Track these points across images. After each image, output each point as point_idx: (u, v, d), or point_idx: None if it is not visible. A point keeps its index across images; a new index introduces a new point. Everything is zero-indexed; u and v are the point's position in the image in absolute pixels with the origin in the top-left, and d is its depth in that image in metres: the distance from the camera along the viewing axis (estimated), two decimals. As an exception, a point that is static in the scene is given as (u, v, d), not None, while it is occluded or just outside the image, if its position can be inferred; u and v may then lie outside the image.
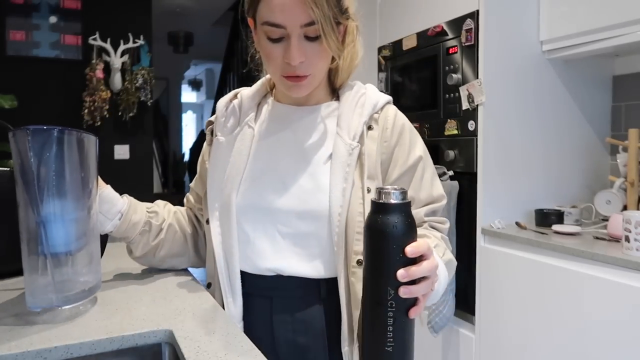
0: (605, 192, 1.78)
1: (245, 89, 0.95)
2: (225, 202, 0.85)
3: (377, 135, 0.86)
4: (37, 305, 0.71)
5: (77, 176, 0.72)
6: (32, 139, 0.67)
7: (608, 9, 1.64)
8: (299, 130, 0.88)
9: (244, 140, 0.89)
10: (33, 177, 0.67)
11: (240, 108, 0.91)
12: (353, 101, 0.88)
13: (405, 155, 0.87)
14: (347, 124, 0.85)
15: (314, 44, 0.76)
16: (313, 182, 0.83)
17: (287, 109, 0.91)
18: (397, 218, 0.59)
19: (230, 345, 0.65)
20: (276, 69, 0.80)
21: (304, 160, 0.85)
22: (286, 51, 0.76)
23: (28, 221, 0.69)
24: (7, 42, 3.07)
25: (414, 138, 0.89)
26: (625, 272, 1.34)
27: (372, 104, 0.87)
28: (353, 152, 0.83)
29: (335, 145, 0.84)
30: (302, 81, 0.79)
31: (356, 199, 0.81)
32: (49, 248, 0.69)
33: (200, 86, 8.50)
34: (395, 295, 0.58)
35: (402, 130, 0.88)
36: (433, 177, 0.89)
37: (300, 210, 0.82)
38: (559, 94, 1.95)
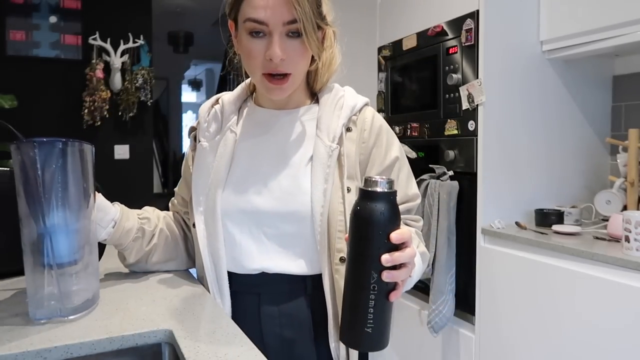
0: (605, 192, 1.78)
1: (226, 94, 0.97)
2: (210, 206, 0.87)
3: (356, 137, 0.89)
4: (42, 317, 0.71)
5: (79, 186, 0.73)
6: (39, 151, 0.67)
7: (608, 9, 1.64)
8: (280, 133, 0.90)
9: (226, 144, 0.90)
10: (39, 190, 0.68)
11: (222, 113, 0.93)
12: (332, 104, 0.91)
13: (383, 156, 0.90)
14: (327, 126, 0.88)
15: (295, 42, 0.79)
16: (295, 184, 0.86)
17: (268, 112, 0.93)
18: (384, 206, 0.61)
19: (230, 345, 0.65)
20: (257, 67, 0.81)
21: (285, 163, 0.88)
22: (268, 48, 0.78)
23: (31, 233, 0.69)
24: (7, 42, 3.07)
25: (390, 139, 0.92)
26: (625, 272, 1.34)
27: (350, 107, 0.90)
28: (333, 154, 0.86)
29: (316, 147, 0.87)
30: (284, 83, 0.81)
31: (337, 199, 0.84)
32: (55, 259, 0.70)
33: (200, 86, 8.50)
34: (378, 279, 0.62)
35: (379, 131, 0.91)
36: (408, 177, 0.93)
37: (283, 212, 0.85)
38: (559, 94, 1.95)
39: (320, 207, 0.83)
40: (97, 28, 3.25)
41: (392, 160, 0.91)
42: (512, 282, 1.69)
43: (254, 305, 0.88)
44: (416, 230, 0.91)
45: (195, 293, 0.88)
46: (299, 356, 0.87)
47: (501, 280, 1.73)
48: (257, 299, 0.88)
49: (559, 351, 1.53)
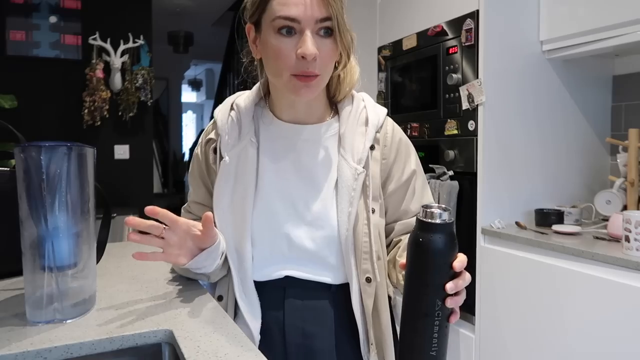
0: (605, 192, 1.78)
1: (239, 99, 0.93)
2: (238, 226, 0.85)
3: (379, 155, 0.88)
4: (40, 320, 0.71)
5: (81, 189, 0.73)
6: (44, 155, 0.67)
7: (608, 9, 1.64)
8: (303, 152, 0.87)
9: (247, 156, 0.86)
10: (42, 193, 0.68)
11: (239, 120, 0.89)
12: (354, 119, 0.88)
13: (401, 171, 0.90)
14: (351, 146, 0.86)
15: (326, 41, 0.76)
16: (324, 209, 0.85)
17: (289, 127, 0.88)
18: (445, 237, 0.63)
19: (230, 345, 0.65)
20: (286, 67, 0.77)
21: (312, 185, 0.86)
22: (299, 46, 0.74)
23: (32, 235, 0.69)
24: (7, 42, 3.07)
25: (408, 152, 0.92)
26: (625, 272, 1.34)
27: (375, 124, 0.88)
28: (359, 178, 0.84)
29: (340, 168, 0.85)
30: (312, 81, 0.78)
31: (361, 221, 0.84)
32: (56, 262, 0.70)
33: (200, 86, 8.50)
34: (442, 305, 0.64)
35: (398, 146, 0.91)
36: (423, 187, 0.93)
37: (312, 236, 0.85)
38: (559, 94, 1.95)
39: (345, 231, 0.83)
40: (97, 28, 3.25)
41: (409, 174, 0.91)
42: (512, 282, 1.69)
43: (279, 297, 0.88)
44: None
45: (195, 293, 0.88)
46: (319, 352, 0.86)
47: (501, 280, 1.73)
48: (282, 292, 0.88)
49: (559, 351, 1.53)
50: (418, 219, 0.65)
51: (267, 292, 0.88)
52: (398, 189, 0.90)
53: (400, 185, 0.90)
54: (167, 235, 0.76)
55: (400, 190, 0.90)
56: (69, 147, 0.70)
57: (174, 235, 0.76)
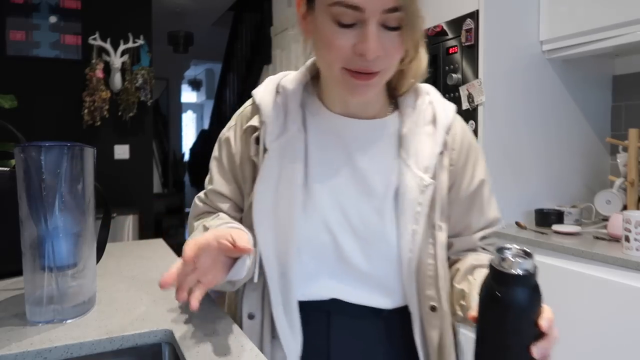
0: (605, 192, 1.78)
1: (285, 80, 0.78)
2: (282, 232, 0.72)
3: (447, 161, 0.75)
4: (40, 320, 0.71)
5: (81, 189, 0.73)
6: (44, 155, 0.67)
7: (608, 9, 1.64)
8: (356, 151, 0.74)
9: (294, 150, 0.73)
10: (42, 193, 0.68)
11: (285, 106, 0.75)
12: (419, 116, 0.75)
13: (469, 181, 0.77)
14: (415, 150, 0.73)
15: (391, 35, 0.63)
16: (380, 221, 0.73)
17: (340, 120, 0.74)
18: (528, 291, 0.52)
19: (230, 346, 0.65)
20: (337, 61, 0.64)
21: (367, 193, 0.73)
22: (360, 41, 0.62)
23: (32, 236, 0.70)
24: (7, 42, 3.07)
25: (477, 158, 0.79)
26: (625, 272, 1.34)
27: (444, 124, 0.75)
28: (426, 190, 0.72)
29: (402, 175, 0.73)
30: (371, 79, 0.65)
31: (426, 240, 0.72)
32: (56, 262, 0.70)
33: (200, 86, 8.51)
34: None
35: (468, 151, 0.78)
36: (489, 199, 0.80)
37: (367, 253, 0.73)
38: (559, 94, 1.95)
39: (409, 252, 0.71)
40: (97, 28, 3.25)
41: (477, 184, 0.77)
42: (512, 282, 1.69)
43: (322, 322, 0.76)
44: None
45: (195, 293, 0.88)
46: None
47: (501, 280, 1.73)
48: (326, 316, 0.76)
49: (559, 351, 1.52)
50: (493, 267, 0.53)
51: (307, 316, 0.75)
52: (462, 201, 0.77)
53: (465, 197, 0.77)
54: (199, 265, 0.62)
55: (465, 202, 0.77)
56: (69, 147, 0.70)
57: (207, 258, 0.63)
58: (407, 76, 0.73)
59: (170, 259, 1.16)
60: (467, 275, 0.74)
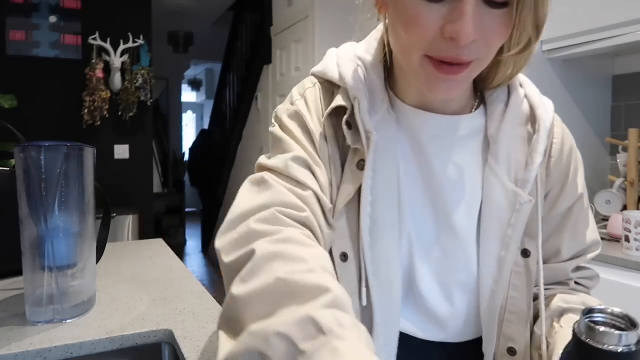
0: (605, 192, 1.78)
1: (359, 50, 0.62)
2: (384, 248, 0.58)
3: (544, 172, 0.61)
4: (40, 320, 0.71)
5: (81, 189, 0.73)
6: (44, 155, 0.67)
7: (608, 9, 1.64)
8: (433, 153, 0.59)
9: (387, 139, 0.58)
10: (42, 193, 0.68)
11: (369, 82, 0.59)
12: (512, 115, 0.60)
13: (566, 196, 0.63)
14: (508, 156, 0.58)
15: (495, 14, 0.47)
16: (459, 243, 0.60)
17: (414, 115, 0.59)
18: None
19: (230, 345, 0.65)
20: (420, 46, 0.48)
21: (443, 206, 0.60)
22: (451, 20, 0.46)
23: (32, 236, 0.70)
24: (7, 42, 3.07)
25: (578, 167, 0.64)
26: (625, 272, 1.34)
27: (547, 129, 0.59)
28: (522, 209, 0.57)
29: (489, 186, 0.58)
30: (460, 73, 0.49)
31: (514, 269, 0.59)
32: (56, 262, 0.70)
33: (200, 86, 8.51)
34: None
35: (568, 159, 0.63)
36: (587, 218, 0.66)
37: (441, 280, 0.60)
38: (559, 94, 1.95)
39: (492, 281, 0.59)
40: (97, 28, 3.25)
41: (575, 199, 0.63)
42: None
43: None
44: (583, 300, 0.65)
45: (195, 293, 0.88)
46: None
47: (501, 280, 1.73)
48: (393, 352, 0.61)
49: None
50: (577, 336, 0.40)
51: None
52: (554, 219, 0.63)
53: (558, 215, 0.63)
54: None
55: (558, 220, 0.63)
56: (68, 147, 0.70)
57: None
58: (506, 66, 0.58)
59: (171, 259, 1.16)
60: (553, 322, 0.61)
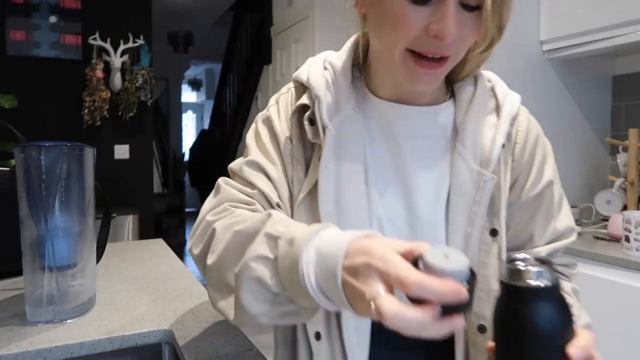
0: (605, 192, 1.78)
1: (330, 57, 0.68)
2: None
3: (509, 157, 0.65)
4: (40, 320, 0.71)
5: (81, 189, 0.73)
6: (44, 155, 0.67)
7: (608, 9, 1.64)
8: (404, 143, 0.64)
9: (352, 132, 0.63)
10: (41, 193, 0.68)
11: (335, 84, 0.64)
12: (478, 104, 0.65)
13: (533, 181, 0.67)
14: (473, 141, 0.63)
15: (470, 17, 0.55)
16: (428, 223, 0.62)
17: (387, 108, 0.65)
18: (550, 308, 0.40)
19: (230, 345, 0.65)
20: (404, 41, 0.55)
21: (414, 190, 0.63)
22: (436, 20, 0.52)
23: (32, 236, 0.70)
24: (7, 42, 3.07)
25: (546, 154, 0.69)
26: (625, 272, 1.34)
27: (509, 114, 0.65)
28: (485, 187, 0.61)
29: (456, 169, 0.62)
30: (439, 68, 0.56)
31: (481, 247, 0.62)
32: (56, 262, 0.70)
33: (200, 86, 8.51)
34: None
35: (535, 145, 0.67)
36: (560, 205, 0.69)
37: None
38: (559, 94, 1.95)
39: None
40: (97, 28, 3.25)
41: (544, 185, 0.67)
42: (512, 282, 1.69)
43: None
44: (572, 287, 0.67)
45: (195, 293, 0.88)
46: None
47: (501, 280, 1.73)
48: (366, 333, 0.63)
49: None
50: (502, 282, 0.42)
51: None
52: (525, 205, 0.66)
53: (529, 200, 0.66)
54: None
55: (529, 206, 0.66)
56: (68, 147, 0.70)
57: None
58: (470, 62, 0.65)
59: (171, 259, 1.16)
60: None
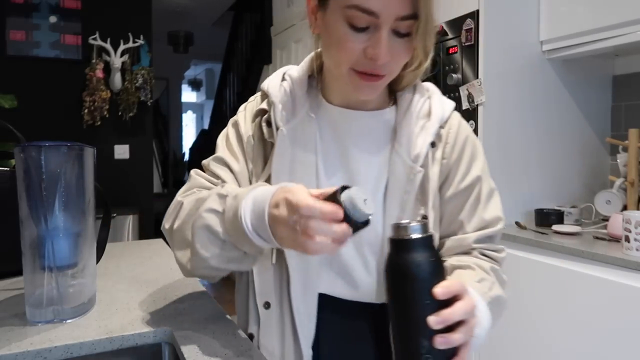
0: (605, 192, 1.78)
1: (290, 70, 0.80)
2: None
3: (439, 154, 0.75)
4: (40, 320, 0.71)
5: (81, 189, 0.73)
6: (45, 155, 0.67)
7: (608, 9, 1.64)
8: (351, 143, 0.75)
9: (305, 133, 0.74)
10: (42, 193, 0.68)
11: (293, 93, 0.76)
12: (414, 110, 0.75)
13: (462, 175, 0.76)
14: (407, 139, 0.73)
15: (401, 41, 0.64)
16: None
17: (337, 112, 0.76)
18: (420, 255, 0.51)
19: (230, 345, 0.65)
20: (347, 61, 0.65)
21: (357, 182, 0.73)
22: (371, 45, 0.63)
23: (32, 236, 0.70)
24: (7, 42, 3.07)
25: (474, 153, 0.78)
26: (625, 272, 1.34)
27: (439, 117, 0.75)
28: (415, 178, 0.72)
29: (392, 164, 0.73)
30: (378, 81, 0.67)
31: None
32: (56, 262, 0.70)
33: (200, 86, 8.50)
34: (430, 347, 0.50)
35: (464, 145, 0.77)
36: (488, 198, 0.79)
37: (354, 243, 0.72)
38: (559, 94, 1.95)
39: None
40: (97, 28, 3.25)
41: (472, 180, 0.76)
42: (512, 282, 1.68)
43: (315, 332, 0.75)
44: (492, 266, 0.77)
45: (195, 293, 0.88)
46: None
47: (501, 280, 1.73)
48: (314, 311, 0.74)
49: (559, 351, 1.53)
50: (389, 238, 0.53)
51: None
52: (456, 196, 0.76)
53: (458, 192, 0.76)
54: None
55: (459, 198, 0.76)
56: (69, 147, 0.70)
57: None
58: (407, 77, 0.75)
59: (171, 259, 1.16)
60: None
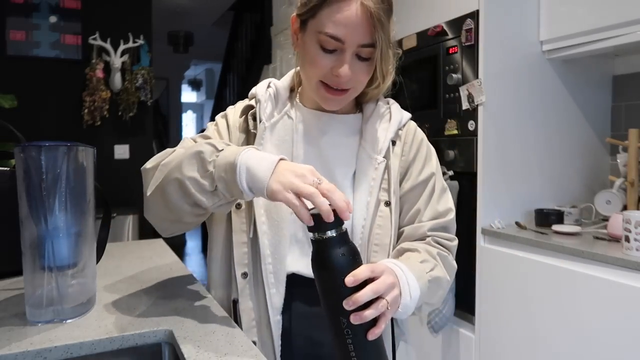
0: (605, 192, 1.78)
1: (275, 80, 0.93)
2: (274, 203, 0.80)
3: (399, 151, 0.89)
4: (40, 320, 0.71)
5: (81, 189, 0.73)
6: (44, 155, 0.67)
7: (608, 9, 1.64)
8: (323, 140, 0.87)
9: (285, 130, 0.87)
10: (42, 193, 0.68)
11: (276, 97, 0.90)
12: (377, 115, 0.90)
13: (419, 170, 0.89)
14: (372, 137, 0.87)
15: (362, 64, 0.79)
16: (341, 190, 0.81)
17: (312, 114, 0.89)
18: (334, 251, 0.61)
19: (230, 345, 0.65)
20: (317, 75, 0.80)
21: (329, 174, 0.85)
22: (337, 65, 0.77)
23: (32, 236, 0.70)
24: (7, 42, 3.07)
25: (429, 154, 0.92)
26: (625, 272, 1.34)
27: (398, 120, 0.90)
28: (379, 167, 0.85)
29: (359, 158, 0.87)
30: (342, 95, 0.81)
31: (376, 212, 0.84)
32: (55, 261, 0.70)
33: (200, 86, 8.50)
34: (349, 323, 0.61)
35: (420, 145, 0.91)
36: (442, 193, 0.91)
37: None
38: (559, 94, 1.95)
39: (362, 220, 0.83)
40: (97, 28, 3.25)
41: (427, 175, 0.89)
42: (512, 282, 1.69)
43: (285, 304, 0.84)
44: (438, 251, 0.85)
45: (195, 293, 0.88)
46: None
47: (501, 281, 1.73)
48: (289, 297, 0.84)
49: (559, 351, 1.53)
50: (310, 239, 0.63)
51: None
52: (414, 189, 0.88)
53: (416, 185, 0.88)
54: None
55: (416, 190, 0.88)
56: (69, 147, 0.70)
57: None
58: (371, 93, 0.89)
59: (171, 259, 1.16)
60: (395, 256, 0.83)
